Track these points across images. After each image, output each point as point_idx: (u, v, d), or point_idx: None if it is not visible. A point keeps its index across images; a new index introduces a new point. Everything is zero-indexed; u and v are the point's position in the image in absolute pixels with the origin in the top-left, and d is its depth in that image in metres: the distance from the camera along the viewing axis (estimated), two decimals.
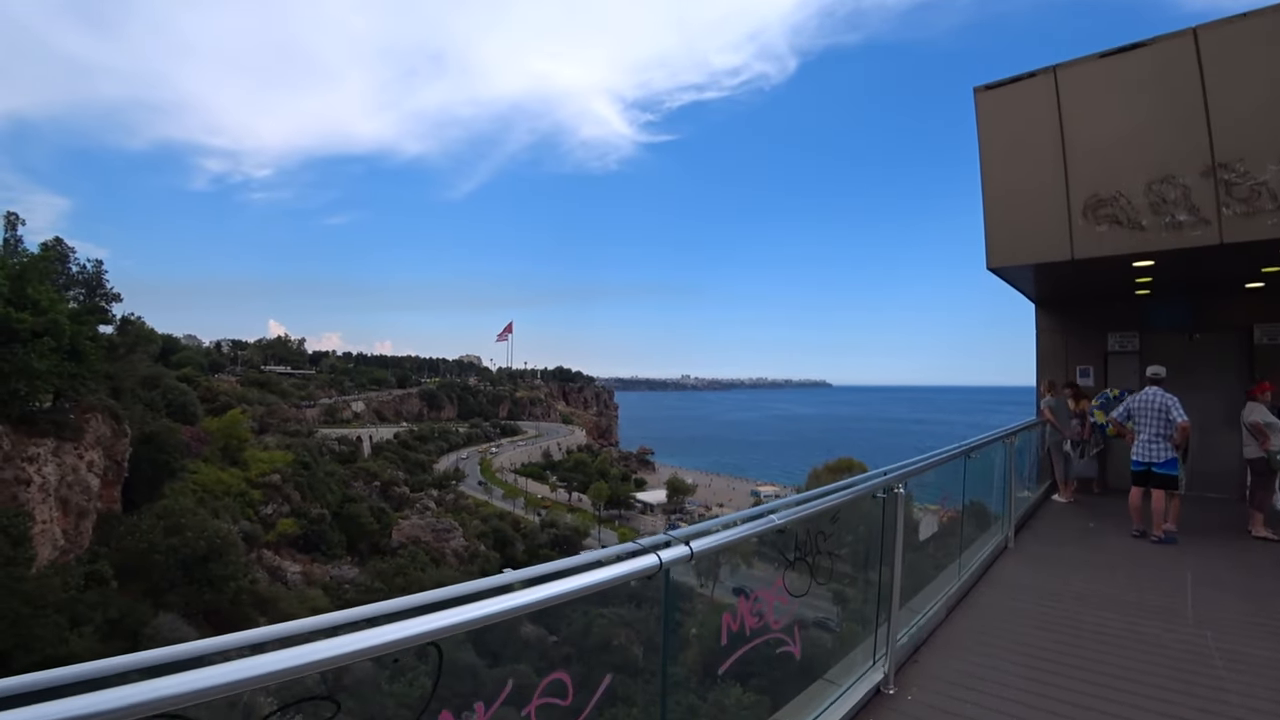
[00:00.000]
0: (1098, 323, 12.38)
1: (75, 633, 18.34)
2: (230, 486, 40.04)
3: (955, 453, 5.98)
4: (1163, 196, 7.39)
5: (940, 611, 5.31)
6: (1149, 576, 6.47)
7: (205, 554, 25.62)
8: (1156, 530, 8.00)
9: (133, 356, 41.24)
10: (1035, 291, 11.88)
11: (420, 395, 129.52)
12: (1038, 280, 10.39)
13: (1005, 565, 6.98)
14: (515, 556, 57.12)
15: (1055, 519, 9.42)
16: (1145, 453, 8.23)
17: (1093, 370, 12.48)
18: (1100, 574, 6.60)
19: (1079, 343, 12.70)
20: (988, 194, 8.83)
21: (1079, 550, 7.65)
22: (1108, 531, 8.58)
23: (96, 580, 23.12)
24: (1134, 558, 7.29)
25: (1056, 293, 11.99)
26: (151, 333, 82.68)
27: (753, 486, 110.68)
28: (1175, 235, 7.36)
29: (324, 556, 42.92)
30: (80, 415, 26.73)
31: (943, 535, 6.29)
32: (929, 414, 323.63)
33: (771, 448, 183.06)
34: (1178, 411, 7.98)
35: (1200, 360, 11.04)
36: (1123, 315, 12.09)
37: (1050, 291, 11.86)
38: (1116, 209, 7.71)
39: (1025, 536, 8.23)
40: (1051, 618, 5.38)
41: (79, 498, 24.58)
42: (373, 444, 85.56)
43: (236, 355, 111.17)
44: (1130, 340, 12.06)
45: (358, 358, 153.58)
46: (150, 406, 44.57)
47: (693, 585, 16.17)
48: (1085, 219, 7.89)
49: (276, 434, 59.13)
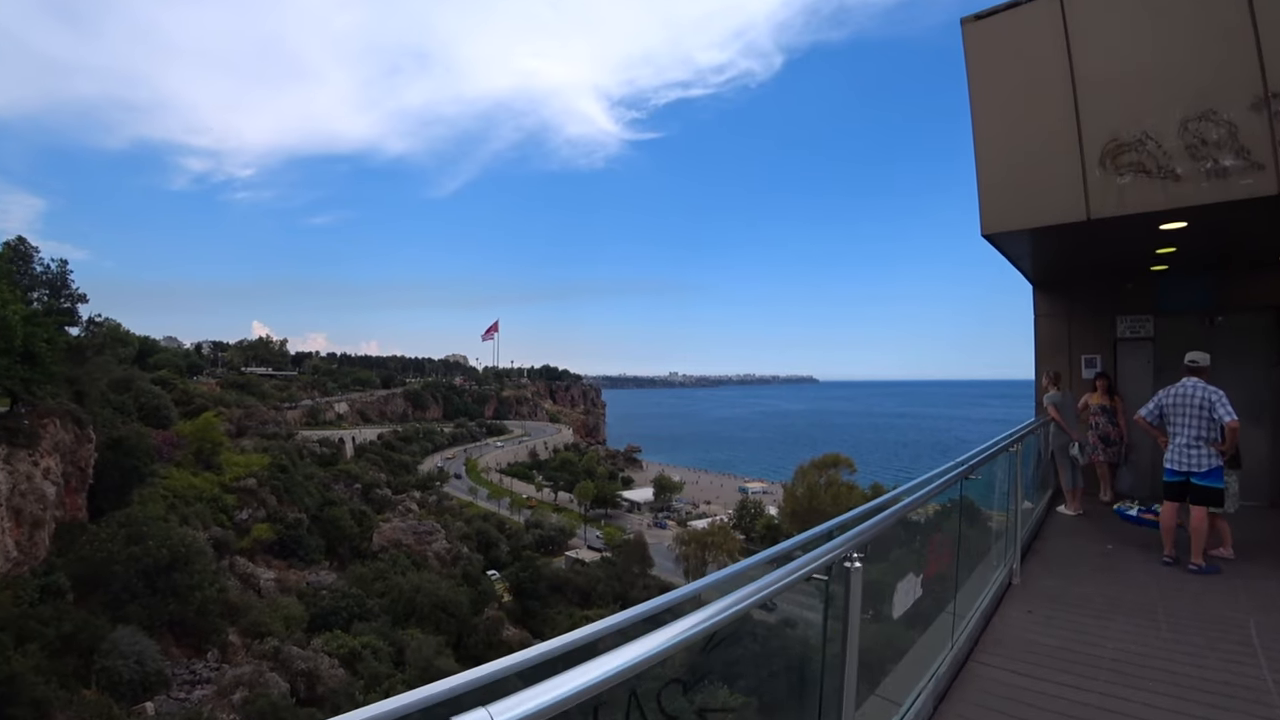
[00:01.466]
0: (1105, 305, 10.94)
1: (20, 651, 17.45)
2: (203, 491, 38.97)
3: (948, 479, 4.48)
4: (1202, 137, 5.94)
5: (926, 704, 3.90)
6: (1200, 629, 5.04)
7: (168, 563, 24.69)
8: (1195, 558, 6.52)
9: (98, 359, 39.94)
10: (1033, 268, 10.43)
11: (405, 395, 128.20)
12: (1037, 252, 9.03)
13: (1011, 614, 5.49)
14: (499, 558, 56.44)
15: (1065, 538, 8.03)
16: (1182, 460, 6.71)
17: (1100, 359, 11.05)
18: (1137, 626, 5.13)
19: (1083, 328, 11.23)
20: (981, 147, 7.41)
21: (1102, 586, 6.18)
22: (1131, 557, 7.12)
23: (52, 593, 22.20)
24: (1174, 598, 5.80)
25: (1057, 270, 10.58)
26: (127, 335, 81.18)
27: (740, 483, 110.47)
28: (1219, 185, 5.90)
29: (301, 562, 41.93)
30: (36, 420, 25.70)
31: (930, 585, 4.68)
32: (915, 408, 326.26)
33: (759, 444, 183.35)
34: (1225, 408, 6.44)
35: (1223, 347, 9.43)
36: (1134, 296, 10.66)
37: (1050, 268, 10.47)
38: (1143, 155, 6.24)
39: (1033, 566, 6.82)
40: (1084, 709, 3.89)
41: (33, 507, 23.58)
42: (355, 445, 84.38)
43: (217, 357, 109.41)
44: (1143, 324, 10.66)
45: (342, 358, 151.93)
46: (120, 410, 43.38)
47: None
48: (1103, 169, 6.44)
49: (254, 437, 57.92)
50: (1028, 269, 10.44)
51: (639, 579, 49.72)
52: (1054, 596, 5.88)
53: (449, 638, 36.51)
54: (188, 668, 24.29)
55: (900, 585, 3.85)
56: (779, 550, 2.61)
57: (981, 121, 7.43)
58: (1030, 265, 10.15)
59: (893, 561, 3.93)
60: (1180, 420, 6.76)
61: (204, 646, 25.61)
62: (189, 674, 24.05)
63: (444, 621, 37.38)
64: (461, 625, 38.46)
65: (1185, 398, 6.74)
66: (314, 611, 33.08)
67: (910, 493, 3.70)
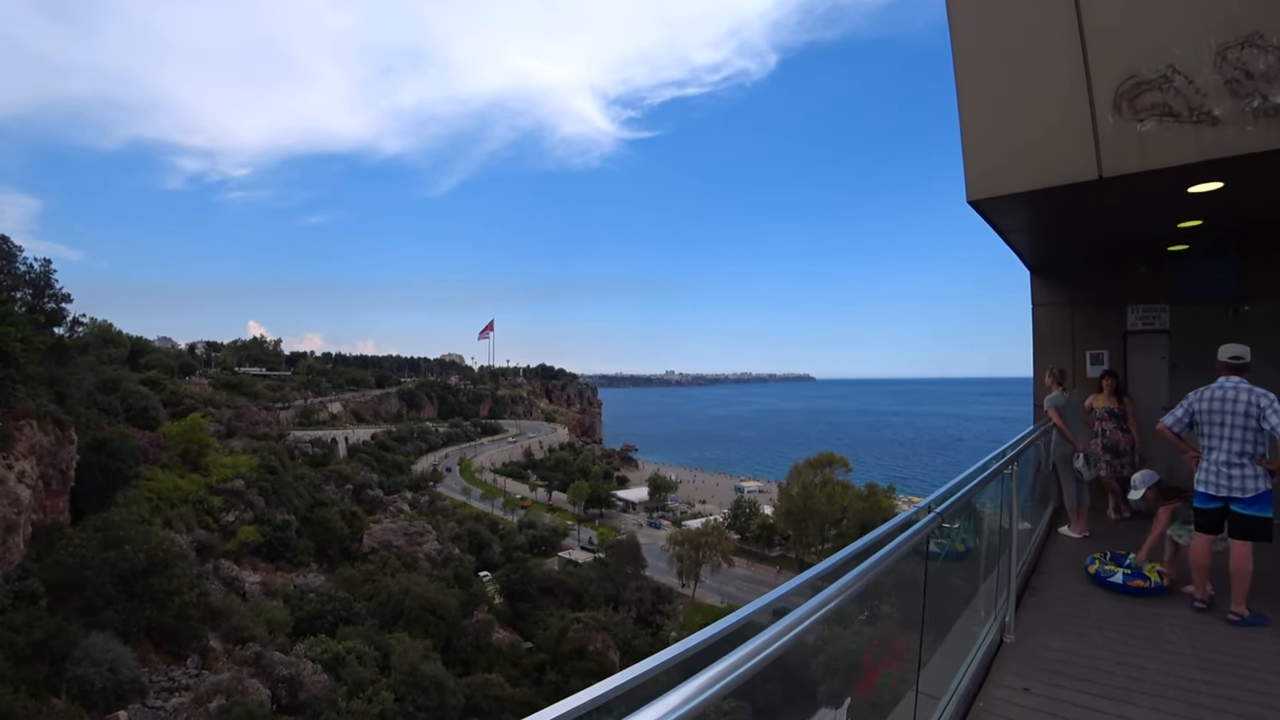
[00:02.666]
0: (1113, 293, 9.63)
1: None
2: (188, 493, 38.43)
3: (913, 537, 2.88)
4: (1246, 68, 4.69)
5: None
6: (1256, 709, 3.76)
7: (145, 568, 24.18)
8: (1237, 605, 5.14)
9: (82, 359, 39.40)
10: (1030, 248, 9.01)
11: (399, 395, 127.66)
12: (1034, 225, 7.62)
13: (1003, 693, 4.03)
14: (492, 559, 56.00)
15: (1069, 572, 6.65)
16: (1220, 482, 5.32)
17: (1107, 355, 9.77)
18: (1171, 715, 3.75)
19: (1088, 319, 9.94)
20: (965, 94, 6.14)
21: (1119, 647, 4.75)
22: (1154, 598, 5.76)
23: (25, 599, 21.69)
24: (1215, 664, 4.38)
25: (1058, 250, 9.15)
26: (119, 335, 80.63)
27: (736, 482, 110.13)
28: (1270, 128, 4.60)
29: (288, 564, 41.42)
30: (12, 422, 25.17)
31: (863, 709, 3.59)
32: (911, 406, 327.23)
33: (755, 443, 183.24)
34: (1278, 414, 5.07)
35: (1249, 341, 8.29)
36: (1147, 282, 9.37)
37: (1050, 248, 9.07)
38: (1169, 94, 4.98)
39: (1030, 616, 5.40)
40: None
41: (6, 511, 23.05)
42: (348, 446, 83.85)
43: (210, 357, 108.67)
44: (1157, 315, 9.40)
45: (337, 358, 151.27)
46: (107, 411, 42.81)
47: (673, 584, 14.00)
48: (1118, 115, 5.20)
49: (244, 437, 57.38)
50: (1024, 249, 9.02)
51: (631, 580, 49.31)
52: (1058, 663, 4.49)
53: (437, 641, 36.07)
54: (166, 674, 23.80)
55: None
56: None
57: (965, 62, 6.14)
58: (1027, 244, 8.79)
59: None
60: (1218, 431, 5.38)
61: (183, 652, 25.12)
62: (168, 681, 23.57)
63: (432, 624, 36.93)
64: (451, 628, 38.01)
65: (1226, 402, 5.35)
66: (299, 615, 32.59)
67: (865, 570, 2.37)
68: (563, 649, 37.76)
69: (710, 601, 50.10)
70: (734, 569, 55.59)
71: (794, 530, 59.73)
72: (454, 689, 29.70)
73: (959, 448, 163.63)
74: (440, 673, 29.68)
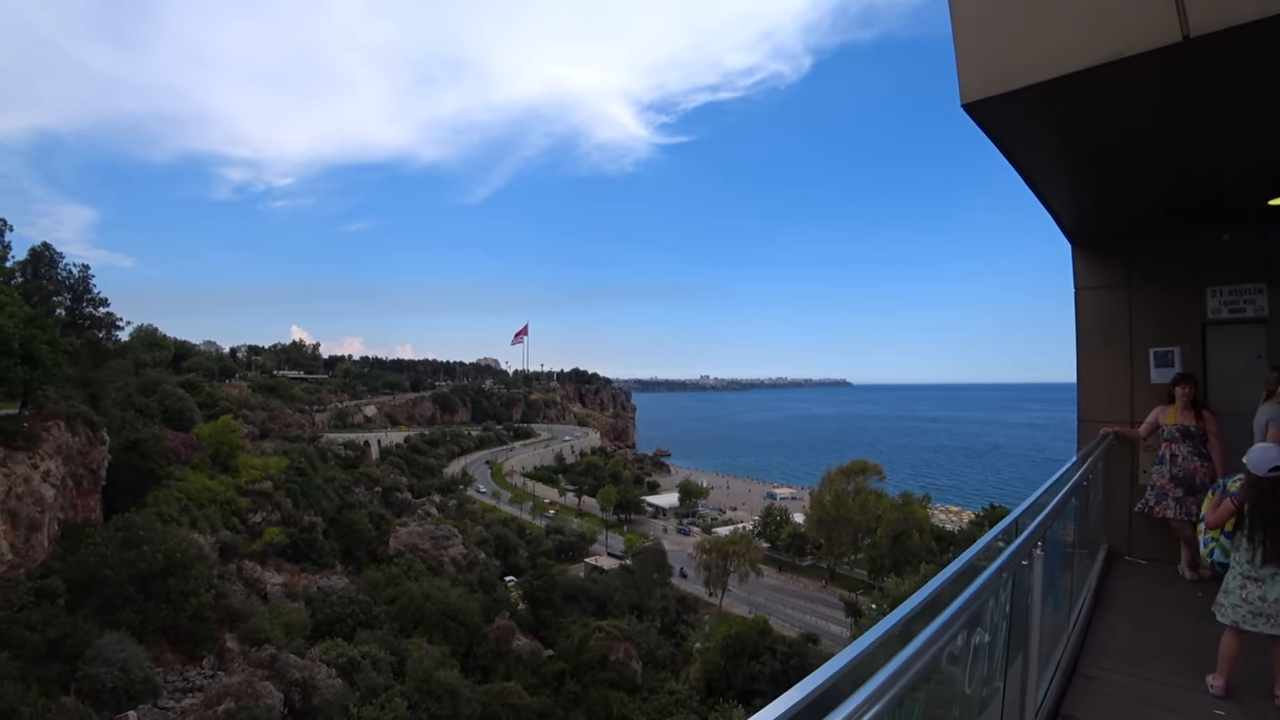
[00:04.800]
0: (1187, 269, 7.07)
1: None
2: (217, 494, 38.95)
3: None
4: None
5: None
6: None
7: (163, 568, 24.33)
8: None
9: (117, 362, 40.38)
10: (1069, 202, 6.55)
11: (433, 399, 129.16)
12: (1070, 157, 5.22)
13: None
14: (518, 564, 55.65)
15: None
16: None
17: (1178, 353, 7.11)
18: None
19: (1151, 306, 7.38)
20: None
21: None
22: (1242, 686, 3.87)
23: (46, 597, 21.97)
24: None
25: (1107, 208, 6.68)
26: (163, 339, 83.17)
27: (768, 488, 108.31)
28: None
29: (313, 566, 41.69)
30: (39, 423, 25.66)
31: None
32: (947, 412, 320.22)
33: (789, 448, 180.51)
34: None
35: None
36: (1235, 253, 6.73)
37: (1096, 204, 6.60)
38: None
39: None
40: None
41: (30, 509, 23.45)
42: (380, 449, 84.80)
43: (251, 360, 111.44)
44: (1250, 299, 6.71)
45: (374, 362, 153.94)
46: (143, 413, 43.87)
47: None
48: None
49: (276, 439, 58.30)
50: (1060, 205, 6.60)
51: (657, 588, 48.38)
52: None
53: (457, 647, 35.76)
54: (181, 675, 23.89)
55: None
56: None
57: None
58: (1063, 195, 6.34)
59: None
60: None
61: (200, 653, 25.21)
62: (182, 681, 23.64)
63: (453, 630, 36.65)
64: (472, 634, 37.69)
65: None
66: (318, 618, 32.61)
67: None
68: (583, 658, 37.08)
69: (738, 612, 48.85)
70: (763, 578, 54.20)
71: (825, 539, 58.04)
72: (469, 697, 29.27)
73: (996, 455, 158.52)
74: (456, 680, 29.29)
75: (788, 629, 44.31)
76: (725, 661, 36.47)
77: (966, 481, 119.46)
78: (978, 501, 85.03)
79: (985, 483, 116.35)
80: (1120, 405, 7.44)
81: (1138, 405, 7.17)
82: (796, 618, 48.93)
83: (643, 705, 35.22)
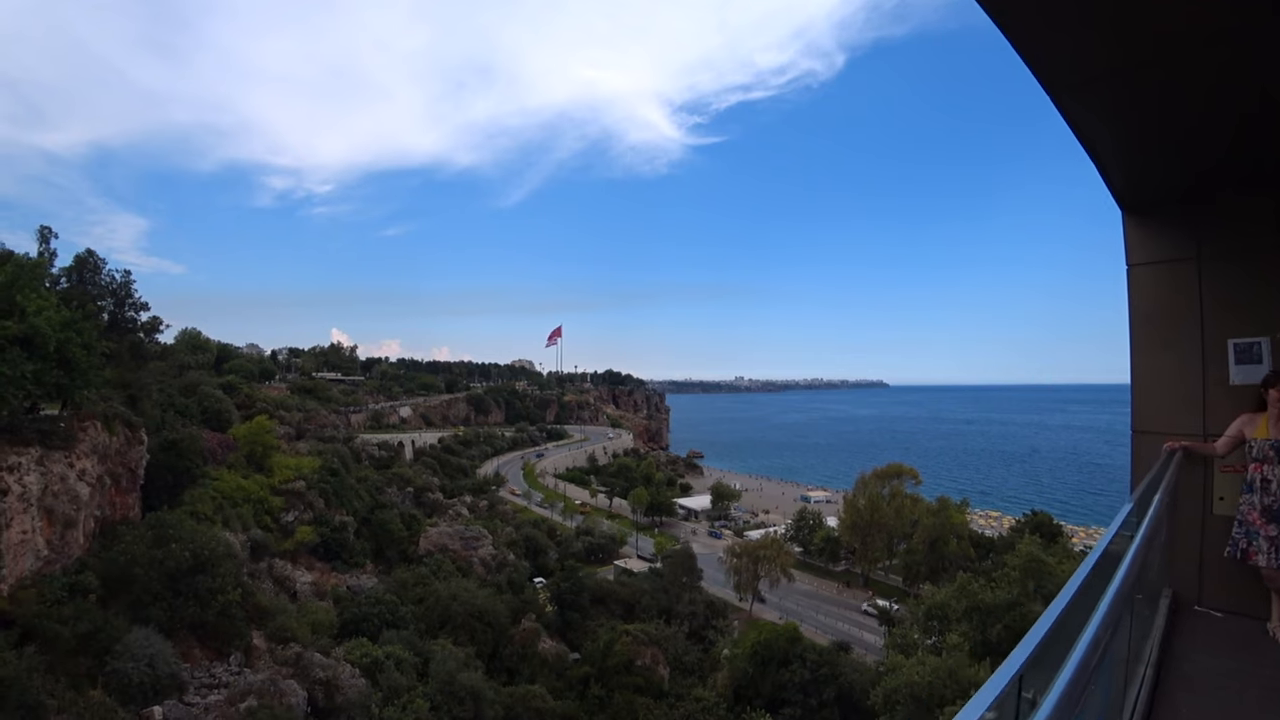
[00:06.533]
0: (1276, 236, 5.30)
1: (17, 652, 17.45)
2: (251, 493, 39.71)
3: None
4: None
5: None
6: None
7: (191, 566, 24.74)
8: None
9: (155, 364, 41.49)
10: (1116, 141, 4.94)
11: (468, 400, 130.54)
12: (1132, 66, 3.81)
13: None
14: (547, 565, 55.55)
15: None
16: None
17: (1267, 345, 5.28)
18: None
19: (1232, 283, 5.58)
20: None
21: None
22: None
23: (79, 592, 22.50)
24: None
25: (1168, 152, 5.01)
26: (206, 341, 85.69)
27: (802, 491, 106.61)
28: None
29: (344, 565, 42.21)
30: (76, 423, 26.36)
31: None
32: (984, 413, 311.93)
33: (824, 450, 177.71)
34: None
35: None
36: None
37: (1152, 145, 4.93)
38: None
39: None
40: None
41: (66, 507, 24.07)
42: (414, 449, 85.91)
43: (290, 363, 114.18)
44: None
45: (411, 364, 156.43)
46: (182, 413, 45.03)
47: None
48: None
49: (311, 440, 59.38)
50: (1106, 149, 5.00)
51: (685, 592, 47.74)
52: None
53: (483, 648, 35.72)
54: (209, 671, 24.22)
55: None
56: None
57: None
58: (1109, 133, 4.77)
59: None
60: None
61: (227, 650, 25.57)
62: (209, 677, 23.96)
63: (479, 631, 36.64)
64: (498, 636, 37.64)
65: None
66: (345, 617, 32.89)
67: None
68: (609, 662, 36.67)
69: (768, 618, 47.90)
70: (795, 583, 53.06)
71: (859, 544, 56.63)
72: (492, 699, 29.12)
73: (1035, 459, 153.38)
74: (479, 682, 29.18)
75: (819, 635, 43.25)
76: (754, 669, 35.65)
77: (1005, 486, 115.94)
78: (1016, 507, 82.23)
79: (1023, 488, 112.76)
80: (1188, 413, 5.70)
81: (1213, 413, 5.48)
82: (829, 624, 47.78)
83: (669, 712, 34.66)
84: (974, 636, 30.00)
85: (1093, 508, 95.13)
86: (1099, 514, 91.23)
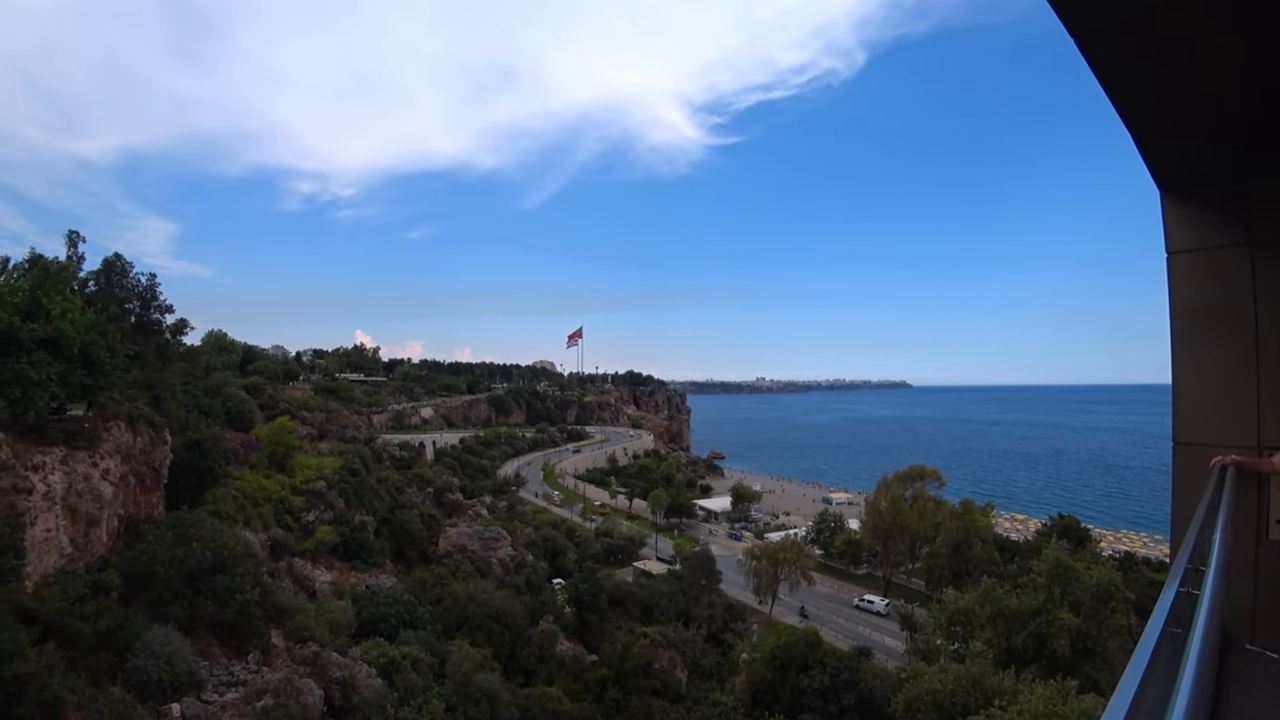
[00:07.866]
0: None
1: (38, 649, 17.70)
2: (272, 493, 40.16)
3: None
4: None
5: None
6: None
7: (211, 564, 25.00)
8: None
9: (177, 366, 42.18)
10: (1157, 101, 4.11)
11: (488, 400, 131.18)
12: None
13: None
14: (566, 567, 55.48)
15: None
16: None
17: None
18: None
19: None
20: None
21: None
22: None
23: (102, 590, 22.82)
24: None
25: (1214, 114, 4.12)
26: (232, 343, 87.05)
27: (824, 493, 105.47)
28: None
29: (363, 564, 42.49)
30: (100, 423, 26.79)
31: None
32: (1009, 415, 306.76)
33: (846, 452, 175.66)
34: None
35: None
36: None
37: (1198, 105, 4.07)
38: None
39: None
40: None
41: (89, 506, 24.46)
42: (435, 450, 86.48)
43: (314, 364, 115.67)
44: None
45: (433, 365, 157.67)
46: (207, 414, 45.72)
47: None
48: None
49: (333, 440, 60.00)
50: (1142, 109, 4.17)
51: (704, 595, 47.34)
52: None
53: (500, 650, 35.67)
54: (227, 669, 24.41)
55: None
56: None
57: None
58: (1147, 87, 3.97)
59: None
60: None
61: (245, 648, 25.77)
62: (227, 675, 24.14)
63: (496, 632, 36.62)
64: (515, 637, 37.59)
65: None
66: (363, 617, 33.04)
67: None
68: (627, 665, 36.45)
69: (788, 621, 47.32)
70: (815, 587, 52.36)
71: (882, 547, 55.73)
72: (508, 701, 29.01)
73: (1059, 461, 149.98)
74: (495, 683, 29.08)
75: (840, 640, 42.59)
76: (773, 674, 35.21)
77: (1030, 488, 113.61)
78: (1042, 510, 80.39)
79: (1047, 490, 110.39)
80: (1240, 422, 4.93)
81: (1269, 422, 4.74)
82: (850, 628, 47.06)
83: (686, 715, 34.32)
84: (998, 644, 29.24)
85: (1120, 512, 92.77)
86: (1127, 518, 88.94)
